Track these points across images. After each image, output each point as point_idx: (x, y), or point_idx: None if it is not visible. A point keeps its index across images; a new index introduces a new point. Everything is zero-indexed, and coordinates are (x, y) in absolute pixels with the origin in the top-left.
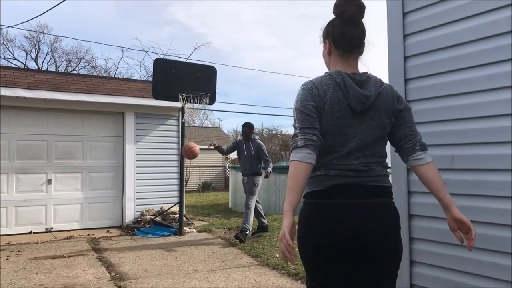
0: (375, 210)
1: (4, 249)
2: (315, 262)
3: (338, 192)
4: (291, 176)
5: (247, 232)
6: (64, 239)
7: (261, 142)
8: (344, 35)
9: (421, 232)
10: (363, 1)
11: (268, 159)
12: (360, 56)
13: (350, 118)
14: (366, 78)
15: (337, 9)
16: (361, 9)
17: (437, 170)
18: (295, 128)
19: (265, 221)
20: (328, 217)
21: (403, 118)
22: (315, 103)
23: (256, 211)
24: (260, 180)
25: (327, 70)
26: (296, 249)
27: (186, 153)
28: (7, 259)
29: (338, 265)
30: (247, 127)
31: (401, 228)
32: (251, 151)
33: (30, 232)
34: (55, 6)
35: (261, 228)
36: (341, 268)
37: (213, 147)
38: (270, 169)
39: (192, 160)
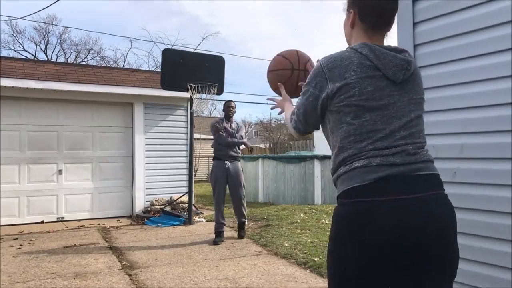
0: (435, 206)
1: (17, 238)
2: (361, 283)
3: (383, 186)
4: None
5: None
6: (75, 228)
7: (241, 124)
8: (375, 7)
9: None
10: None
11: (245, 143)
12: (387, 33)
13: (388, 90)
14: (401, 48)
15: None
16: None
17: None
18: (298, 103)
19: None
20: (381, 221)
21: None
22: (319, 92)
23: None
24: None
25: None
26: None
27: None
28: (20, 248)
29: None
30: (229, 103)
31: None
32: (231, 127)
33: (42, 222)
34: None
35: (242, 225)
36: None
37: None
38: (244, 141)
39: (201, 150)
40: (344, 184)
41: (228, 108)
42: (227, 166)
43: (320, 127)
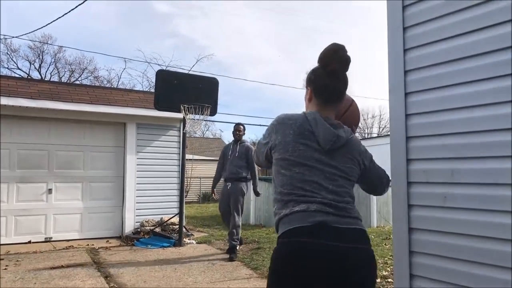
0: (359, 257)
1: (3, 259)
2: None
3: (319, 230)
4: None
5: (237, 248)
6: (63, 249)
7: (251, 146)
8: (326, 87)
9: (421, 246)
10: (348, 55)
11: (254, 165)
12: (339, 103)
13: (318, 154)
14: (339, 125)
15: (322, 61)
16: (346, 63)
17: None
18: (257, 145)
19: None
20: (315, 260)
21: (371, 166)
22: (268, 140)
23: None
24: (246, 189)
25: None
26: None
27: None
28: (5, 269)
29: None
30: (242, 125)
31: (401, 241)
32: (237, 152)
33: (29, 242)
34: (59, 17)
35: (232, 249)
36: None
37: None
38: (257, 182)
39: (193, 170)
40: (285, 225)
41: (235, 131)
42: (228, 187)
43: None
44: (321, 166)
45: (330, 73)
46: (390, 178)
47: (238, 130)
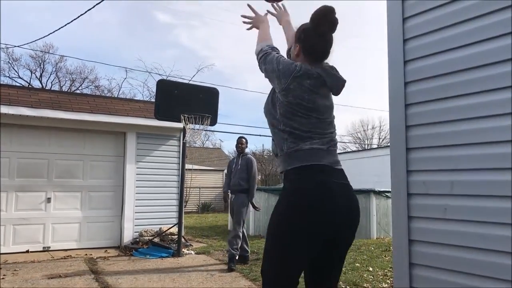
0: (352, 193)
1: (0, 268)
2: (306, 234)
3: (330, 169)
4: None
5: (236, 258)
6: (61, 258)
7: (253, 159)
8: (314, 47)
9: (421, 258)
10: (336, 17)
11: (254, 177)
12: (325, 60)
13: (326, 100)
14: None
15: (313, 21)
16: (334, 26)
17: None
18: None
19: (248, 250)
20: (334, 197)
21: None
22: (295, 71)
23: (242, 236)
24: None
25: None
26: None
27: None
28: (3, 278)
29: (319, 243)
30: (244, 139)
31: (401, 253)
32: (239, 165)
33: (27, 251)
34: (61, 27)
35: (243, 257)
36: (320, 247)
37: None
38: (253, 192)
39: (193, 180)
40: (303, 160)
41: (237, 144)
42: (232, 199)
43: (268, 100)
44: (328, 112)
45: (319, 34)
46: (390, 189)
47: (241, 143)
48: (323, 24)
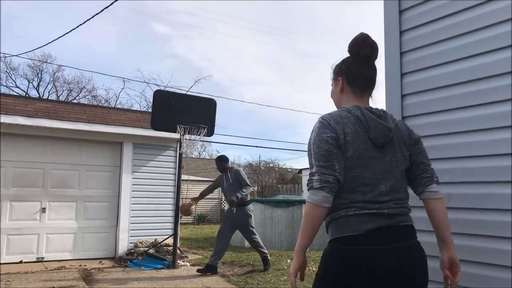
0: (409, 255)
1: None
2: None
3: (373, 237)
4: (306, 218)
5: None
6: (55, 269)
7: (238, 168)
8: (360, 73)
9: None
10: (375, 42)
11: (248, 185)
12: (371, 97)
13: (374, 151)
14: (383, 112)
15: (353, 48)
16: (375, 49)
17: (445, 207)
18: (312, 165)
19: (266, 251)
20: (364, 266)
21: (419, 148)
22: (334, 134)
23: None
24: (251, 208)
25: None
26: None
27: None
28: None
29: None
30: (218, 160)
31: None
32: (230, 180)
33: (21, 262)
34: (60, 37)
35: (265, 260)
36: None
37: (193, 202)
38: (240, 194)
39: (189, 191)
40: (339, 231)
41: (218, 166)
42: (233, 211)
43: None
44: (378, 164)
45: (363, 59)
46: None
47: (221, 161)
48: (365, 48)
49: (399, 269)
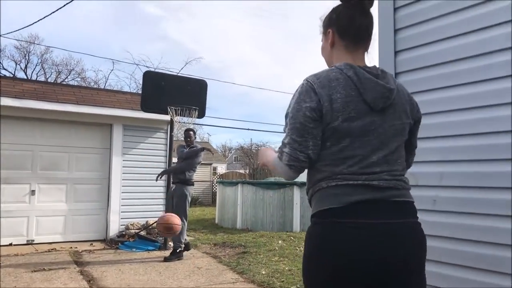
0: (403, 233)
1: None
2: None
3: (360, 210)
4: (273, 169)
5: (178, 250)
6: (46, 251)
7: (198, 147)
8: (352, 21)
9: None
10: None
11: (187, 164)
12: (367, 52)
13: (370, 117)
14: (381, 72)
15: None
16: None
17: None
18: (285, 134)
19: (186, 238)
20: (351, 241)
21: (416, 127)
22: (315, 104)
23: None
24: (190, 191)
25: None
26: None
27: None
28: None
29: None
30: (192, 131)
31: None
32: (182, 155)
33: (11, 244)
34: (46, 16)
35: (186, 245)
36: None
37: (160, 177)
38: (170, 169)
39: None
40: (319, 204)
41: (185, 138)
42: (172, 188)
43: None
44: (375, 131)
45: (356, 5)
46: None
47: (189, 136)
48: None
49: (390, 252)
